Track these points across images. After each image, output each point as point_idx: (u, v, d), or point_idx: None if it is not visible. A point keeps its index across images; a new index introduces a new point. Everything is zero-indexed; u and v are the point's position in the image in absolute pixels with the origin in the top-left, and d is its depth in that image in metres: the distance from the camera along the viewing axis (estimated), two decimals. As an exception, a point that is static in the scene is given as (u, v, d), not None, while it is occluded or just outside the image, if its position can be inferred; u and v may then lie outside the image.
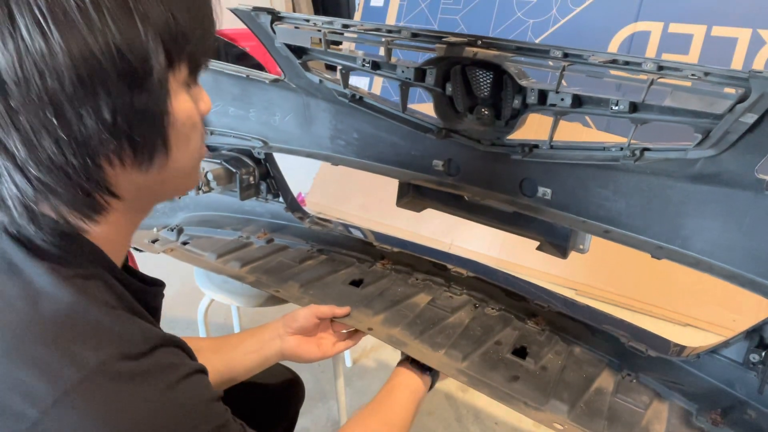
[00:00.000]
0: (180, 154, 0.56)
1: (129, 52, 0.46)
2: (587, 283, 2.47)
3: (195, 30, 0.52)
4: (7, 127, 0.45)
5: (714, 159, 0.81)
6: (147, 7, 0.47)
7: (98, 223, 0.54)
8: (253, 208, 1.57)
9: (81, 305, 0.51)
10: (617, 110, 0.84)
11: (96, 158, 0.49)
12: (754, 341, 0.91)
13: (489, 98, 1.00)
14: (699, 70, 0.72)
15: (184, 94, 0.54)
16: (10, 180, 0.48)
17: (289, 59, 1.15)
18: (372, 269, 1.37)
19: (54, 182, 0.48)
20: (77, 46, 0.44)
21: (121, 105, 0.47)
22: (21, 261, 0.52)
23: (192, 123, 0.56)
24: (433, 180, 1.18)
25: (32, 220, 0.50)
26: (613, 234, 0.98)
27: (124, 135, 0.49)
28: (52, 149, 0.46)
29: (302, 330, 1.04)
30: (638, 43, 2.62)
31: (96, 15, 0.44)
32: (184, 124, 0.55)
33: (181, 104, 0.54)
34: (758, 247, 0.84)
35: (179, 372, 0.54)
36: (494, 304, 1.24)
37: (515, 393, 0.99)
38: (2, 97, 0.44)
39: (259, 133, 1.39)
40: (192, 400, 0.54)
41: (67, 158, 0.47)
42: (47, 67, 0.44)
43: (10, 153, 0.46)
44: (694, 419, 0.96)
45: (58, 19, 0.43)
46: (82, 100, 0.45)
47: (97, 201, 0.52)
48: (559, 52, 0.84)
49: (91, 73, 0.45)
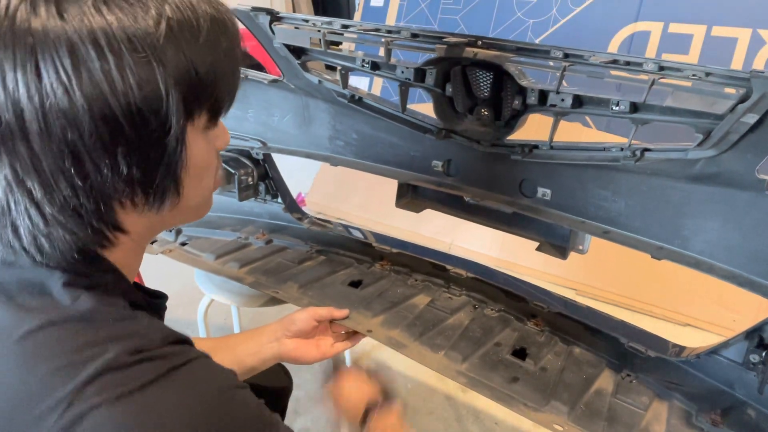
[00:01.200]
0: (192, 193, 0.58)
1: (149, 112, 0.48)
2: (587, 283, 2.46)
3: (218, 82, 0.54)
4: (28, 169, 0.47)
5: (715, 159, 0.80)
6: (169, 64, 0.49)
7: (109, 251, 0.56)
8: (251, 208, 1.57)
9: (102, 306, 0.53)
10: (618, 110, 0.83)
11: (109, 202, 0.51)
12: (754, 341, 0.90)
13: (489, 99, 1.00)
14: (700, 70, 0.72)
15: (200, 140, 0.56)
16: (25, 213, 0.50)
17: (288, 60, 1.15)
18: (371, 270, 1.37)
19: (66, 220, 0.50)
20: (99, 107, 0.46)
21: (137, 159, 0.50)
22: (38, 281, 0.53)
23: (205, 165, 0.58)
24: (433, 180, 1.18)
25: (39, 250, 0.52)
26: (613, 234, 0.98)
27: (138, 183, 0.51)
28: (68, 192, 0.49)
29: (301, 333, 1.03)
30: (638, 43, 2.62)
31: (119, 76, 0.46)
32: (197, 166, 0.56)
33: (195, 150, 0.55)
34: (758, 248, 0.83)
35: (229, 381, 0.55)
36: (493, 305, 1.24)
37: (515, 394, 0.99)
38: (26, 142, 0.46)
39: (258, 134, 1.39)
40: (245, 410, 0.55)
41: (80, 201, 0.50)
42: (69, 122, 0.46)
43: (27, 190, 0.48)
44: (694, 420, 0.96)
45: (82, 80, 0.45)
46: (100, 153, 0.48)
47: (107, 237, 0.54)
48: (559, 53, 0.83)
49: (112, 131, 0.47)
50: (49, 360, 0.48)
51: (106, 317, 0.52)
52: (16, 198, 0.49)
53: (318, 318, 1.06)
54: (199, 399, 0.51)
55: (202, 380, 0.53)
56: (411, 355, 1.05)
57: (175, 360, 0.52)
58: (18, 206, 0.50)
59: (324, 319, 1.08)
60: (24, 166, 0.47)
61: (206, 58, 0.52)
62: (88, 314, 0.52)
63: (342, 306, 1.13)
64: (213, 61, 0.52)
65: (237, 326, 1.96)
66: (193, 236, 1.53)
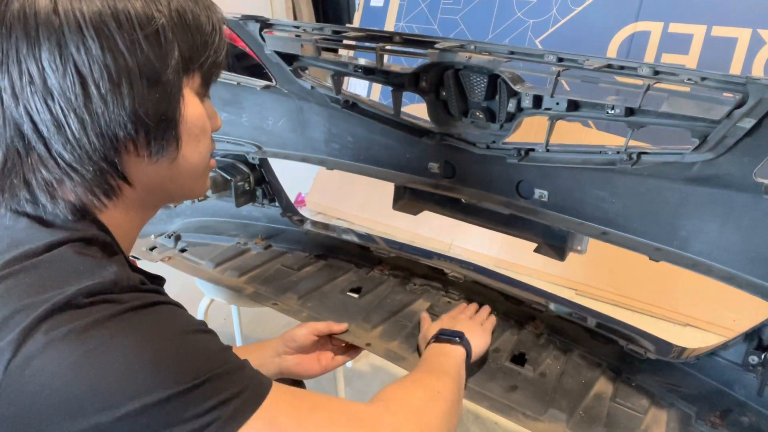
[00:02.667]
0: (190, 152, 0.63)
1: (149, 46, 0.55)
2: (587, 283, 2.46)
3: (207, 45, 0.61)
4: (44, 112, 0.53)
5: (711, 162, 0.80)
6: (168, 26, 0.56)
7: (109, 209, 0.60)
8: (249, 212, 1.57)
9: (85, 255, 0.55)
10: (613, 114, 0.83)
11: (114, 141, 0.56)
12: (753, 343, 0.90)
13: (483, 102, 1.00)
14: (695, 74, 0.72)
15: (196, 101, 0.62)
16: (40, 163, 0.55)
17: (280, 66, 1.14)
18: (370, 275, 1.37)
19: (75, 161, 0.55)
20: (112, 54, 0.53)
21: (141, 96, 0.55)
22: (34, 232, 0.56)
23: (202, 127, 0.63)
24: (429, 183, 1.18)
25: (52, 199, 0.56)
26: (611, 236, 0.98)
27: (141, 123, 0.56)
28: (77, 128, 0.53)
29: (301, 348, 1.04)
30: (638, 43, 2.61)
31: (128, 36, 0.54)
32: (194, 125, 0.62)
33: (192, 108, 0.61)
34: (757, 250, 0.83)
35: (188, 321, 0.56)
36: (492, 308, 1.24)
37: (514, 404, 0.99)
38: (45, 91, 0.52)
39: (253, 138, 1.39)
40: (205, 353, 0.54)
41: (89, 138, 0.54)
42: (84, 67, 0.52)
43: (42, 136, 0.54)
44: (693, 422, 0.96)
45: (102, 33, 0.52)
46: (108, 89, 0.53)
47: (111, 184, 0.58)
48: (553, 57, 0.83)
49: (118, 68, 0.53)
50: (8, 305, 0.49)
51: (77, 264, 0.53)
52: (27, 143, 0.54)
53: (317, 333, 1.06)
54: (154, 339, 0.50)
55: (163, 322, 0.53)
56: (410, 368, 1.05)
57: (136, 302, 0.52)
58: (31, 154, 0.55)
59: (323, 334, 1.08)
60: (41, 110, 0.53)
61: (200, 12, 0.60)
62: (61, 261, 0.53)
63: (341, 318, 1.13)
64: (207, 17, 0.60)
65: (237, 326, 1.96)
66: (191, 242, 1.54)
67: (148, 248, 1.50)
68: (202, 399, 0.50)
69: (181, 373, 0.50)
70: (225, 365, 0.54)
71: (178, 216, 1.65)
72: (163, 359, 0.50)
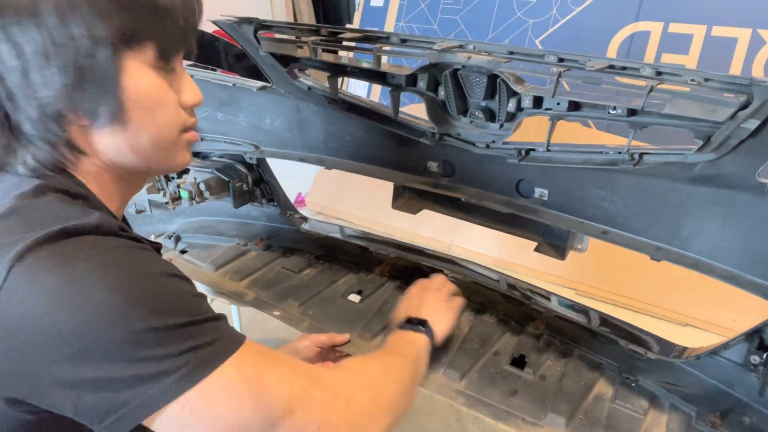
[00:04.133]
0: (143, 124, 0.62)
1: (84, 27, 0.55)
2: (587, 282, 2.46)
3: (159, 18, 0.60)
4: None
5: (714, 162, 0.80)
6: None
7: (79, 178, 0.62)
8: (249, 212, 1.56)
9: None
10: (615, 114, 0.83)
11: (56, 112, 0.57)
12: (755, 343, 0.90)
13: (483, 102, 0.99)
14: (699, 75, 0.71)
15: (146, 73, 0.61)
16: (10, 134, 0.59)
17: (276, 67, 1.14)
18: (370, 277, 1.37)
19: (34, 134, 0.58)
20: (45, 28, 0.54)
21: (74, 68, 0.56)
22: None
23: (156, 101, 0.62)
24: (429, 182, 1.17)
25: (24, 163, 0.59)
26: (612, 235, 0.98)
27: (76, 94, 0.57)
28: (24, 100, 0.56)
29: (304, 360, 1.04)
30: (638, 43, 2.61)
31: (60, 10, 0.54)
32: (143, 98, 0.61)
33: (138, 80, 0.60)
34: (758, 249, 0.83)
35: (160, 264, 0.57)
36: (492, 309, 1.23)
37: (513, 409, 0.99)
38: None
39: (250, 138, 1.38)
40: (177, 295, 0.56)
41: (38, 110, 0.57)
42: (19, 38, 0.54)
43: (3, 107, 0.57)
44: (693, 423, 0.95)
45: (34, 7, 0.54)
46: (41, 62, 0.55)
47: (66, 157, 0.61)
48: (553, 58, 0.82)
49: (48, 41, 0.54)
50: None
51: (61, 210, 0.55)
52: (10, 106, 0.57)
53: (320, 345, 1.07)
54: (135, 276, 0.53)
55: (144, 261, 0.55)
56: None
57: (118, 243, 0.55)
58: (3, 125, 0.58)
59: (326, 346, 1.09)
60: None
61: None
62: (47, 205, 0.56)
63: (342, 326, 1.14)
64: None
65: (237, 326, 1.96)
66: (191, 243, 1.53)
67: (148, 248, 1.49)
68: (177, 341, 0.52)
69: (159, 311, 0.52)
70: (202, 313, 0.56)
71: (178, 216, 1.65)
72: (142, 294, 0.51)
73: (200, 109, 1.35)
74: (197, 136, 0.72)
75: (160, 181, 1.40)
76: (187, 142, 0.70)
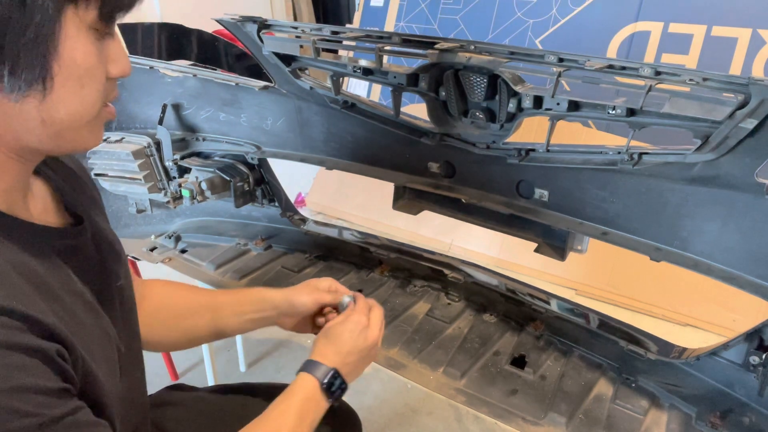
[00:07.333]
0: (68, 96, 0.54)
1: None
2: (587, 282, 2.46)
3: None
4: None
5: (713, 162, 0.80)
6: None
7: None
8: (249, 212, 1.57)
9: None
10: (614, 114, 0.83)
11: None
12: (754, 343, 0.90)
13: (483, 102, 0.99)
14: (697, 75, 0.72)
15: (85, 37, 0.53)
16: None
17: (278, 67, 1.14)
18: (370, 277, 1.37)
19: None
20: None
21: (5, 16, 0.47)
22: None
23: (87, 69, 0.54)
24: (429, 183, 1.17)
25: None
26: (611, 236, 0.98)
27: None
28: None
29: (300, 315, 0.97)
30: (638, 43, 2.62)
31: None
32: (77, 65, 0.53)
33: (75, 44, 0.52)
34: (757, 250, 0.83)
35: None
36: (492, 309, 1.23)
37: (513, 408, 0.99)
38: None
39: (252, 138, 1.39)
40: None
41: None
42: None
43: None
44: (693, 423, 0.96)
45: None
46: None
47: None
48: (554, 58, 0.83)
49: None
50: None
51: None
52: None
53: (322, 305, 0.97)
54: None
55: None
56: (410, 376, 1.05)
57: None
58: None
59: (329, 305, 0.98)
60: None
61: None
62: None
63: None
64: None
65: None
66: (192, 243, 1.53)
67: (149, 249, 1.50)
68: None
69: None
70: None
71: (178, 216, 1.65)
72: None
73: (202, 110, 1.35)
74: (114, 112, 0.63)
75: (162, 181, 1.40)
76: (102, 120, 0.61)
